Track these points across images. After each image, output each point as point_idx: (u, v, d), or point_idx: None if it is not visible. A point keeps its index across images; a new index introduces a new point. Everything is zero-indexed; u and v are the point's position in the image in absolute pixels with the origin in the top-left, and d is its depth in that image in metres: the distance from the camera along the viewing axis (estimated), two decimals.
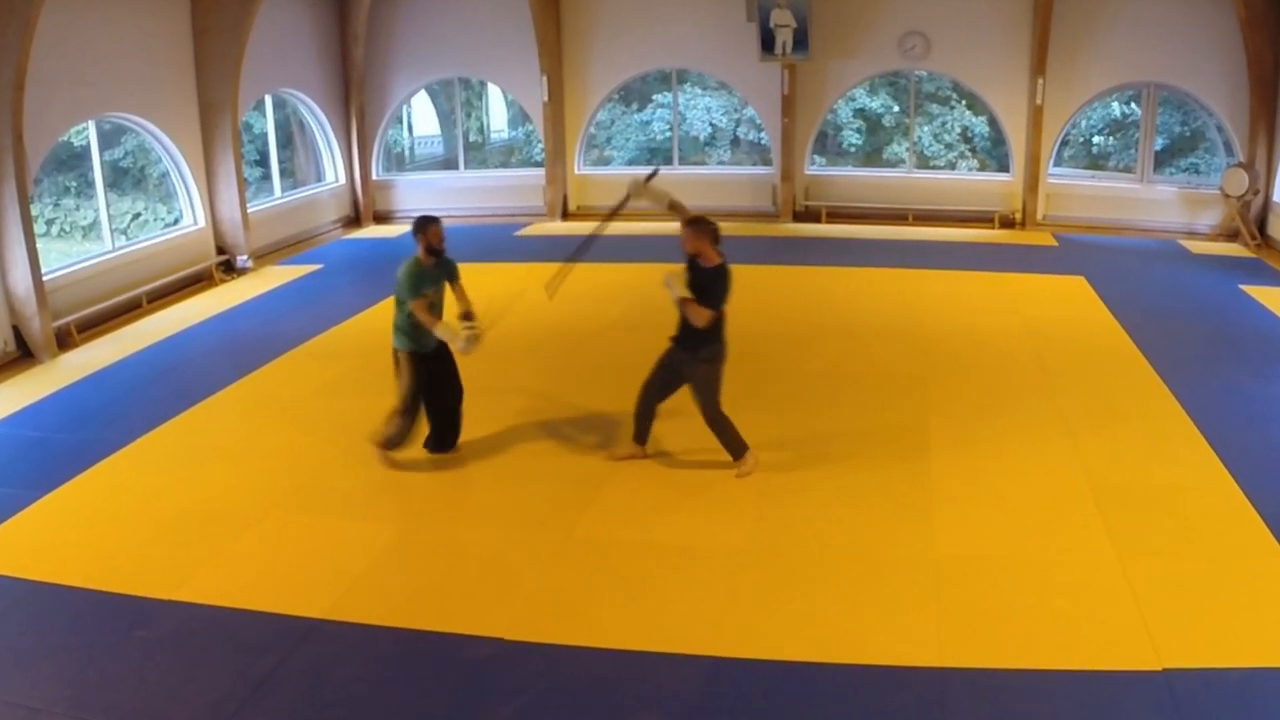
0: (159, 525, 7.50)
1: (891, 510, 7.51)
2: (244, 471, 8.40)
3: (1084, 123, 20.00)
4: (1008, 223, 18.66)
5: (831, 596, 6.40)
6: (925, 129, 20.83)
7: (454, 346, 8.10)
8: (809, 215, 19.30)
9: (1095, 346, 11.36)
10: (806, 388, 10.16)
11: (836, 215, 19.19)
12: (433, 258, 8.11)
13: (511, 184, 20.55)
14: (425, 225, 8.12)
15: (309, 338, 12.08)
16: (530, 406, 9.63)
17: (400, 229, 19.08)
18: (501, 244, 17.62)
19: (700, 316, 7.57)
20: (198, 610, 6.34)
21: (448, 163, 21.75)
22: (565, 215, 20.00)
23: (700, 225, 7.64)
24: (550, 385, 10.26)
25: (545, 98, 19.36)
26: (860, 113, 21.38)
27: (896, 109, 20.94)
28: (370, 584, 6.63)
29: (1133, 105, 19.40)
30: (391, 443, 8.31)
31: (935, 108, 21.00)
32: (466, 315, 8.18)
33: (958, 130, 21.18)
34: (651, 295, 13.23)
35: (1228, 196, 17.04)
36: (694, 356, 7.80)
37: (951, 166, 20.94)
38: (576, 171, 20.26)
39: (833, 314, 12.82)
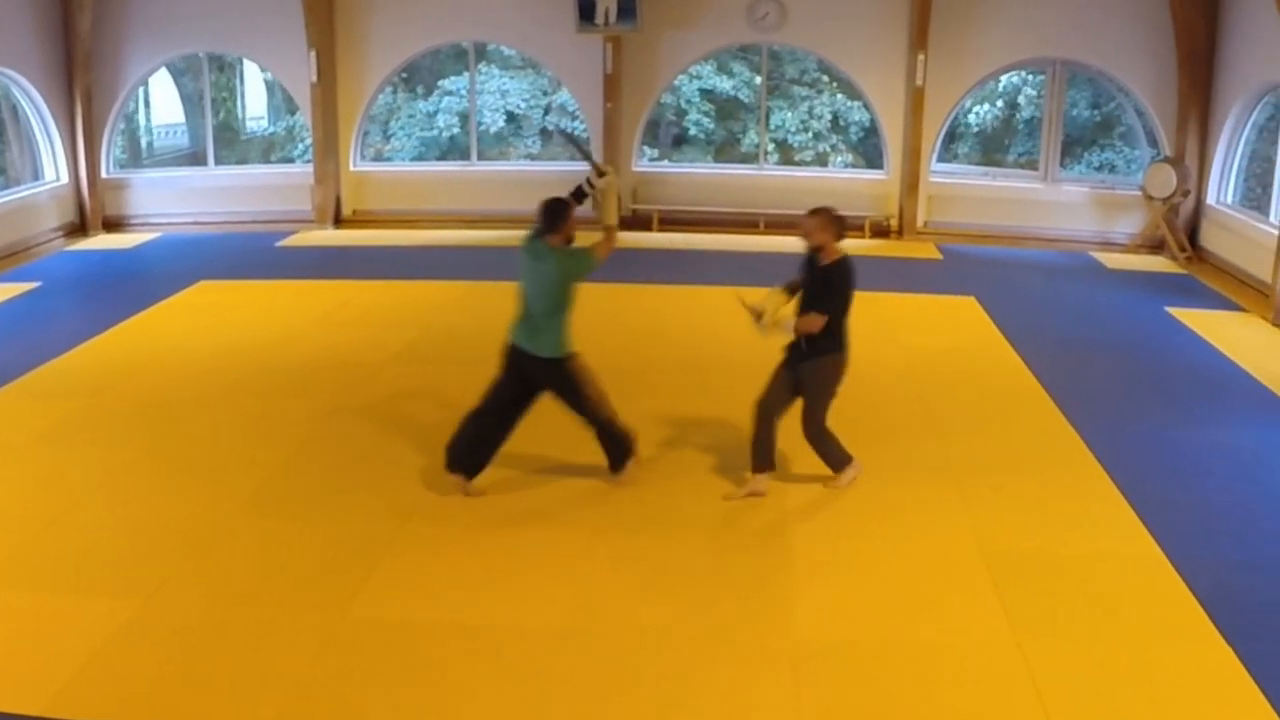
0: None
1: (740, 585, 7.52)
2: None
3: (977, 109, 20.61)
4: (881, 231, 19.13)
5: (666, 689, 6.37)
6: (789, 115, 21.19)
7: (615, 184, 8.90)
8: (638, 221, 19.42)
9: (990, 384, 11.67)
10: (634, 433, 10.12)
11: (672, 221, 19.40)
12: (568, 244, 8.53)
13: (273, 183, 20.43)
14: (564, 212, 8.44)
15: (23, 372, 11.86)
16: (299, 456, 9.67)
17: (136, 238, 18.96)
18: (260, 256, 17.58)
19: (814, 323, 8.33)
20: None
21: (195, 158, 21.56)
22: (338, 222, 19.89)
23: (827, 213, 8.47)
24: (323, 430, 10.30)
25: (314, 78, 19.27)
26: (708, 94, 21.65)
27: (759, 81, 21.24)
28: (99, 673, 6.49)
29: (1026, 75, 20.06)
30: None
31: (802, 91, 21.41)
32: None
33: (828, 117, 21.60)
34: (451, 319, 13.20)
35: (1151, 199, 17.75)
36: (815, 363, 8.55)
37: (823, 162, 21.34)
38: (352, 168, 20.20)
39: (667, 343, 12.89)
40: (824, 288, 8.41)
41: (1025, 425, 10.47)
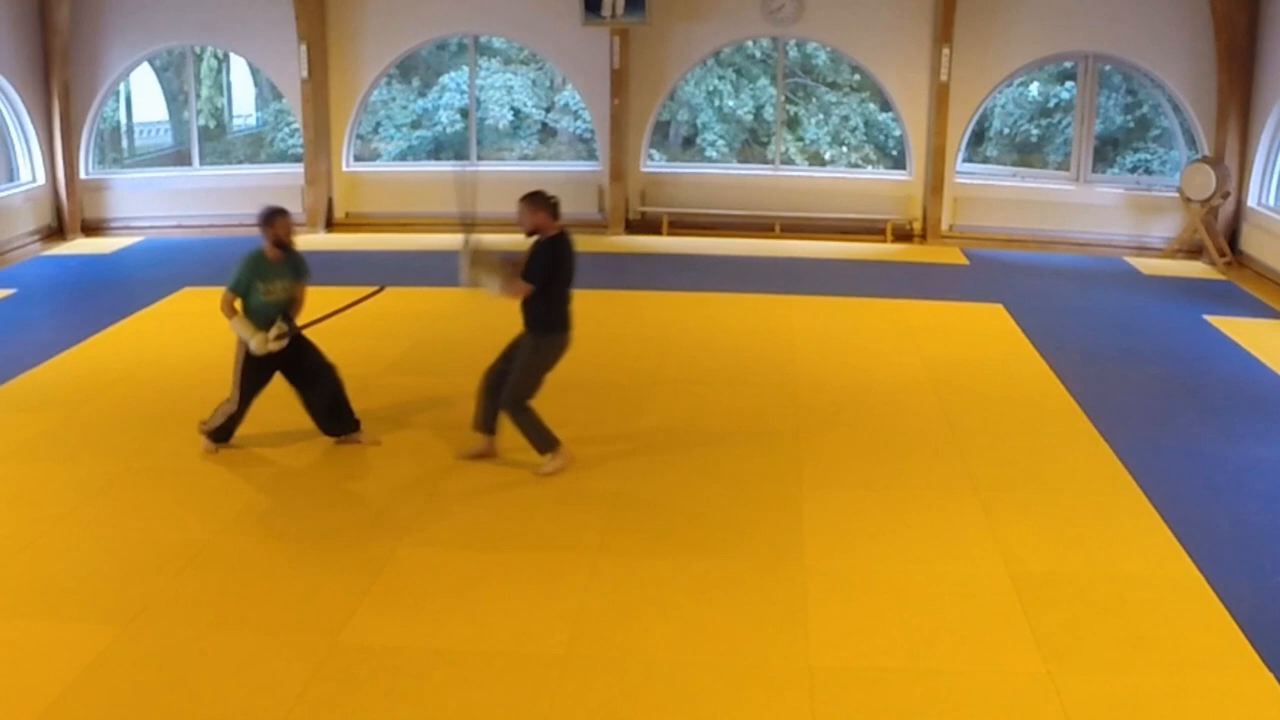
0: None
1: (753, 608, 7.46)
2: None
3: (1005, 106, 20.56)
4: (904, 234, 19.08)
5: (676, 719, 6.33)
6: (823, 128, 21.18)
7: (250, 345, 9.54)
8: (646, 225, 19.40)
9: (1017, 396, 11.60)
10: (640, 451, 10.08)
11: (682, 225, 19.34)
12: (280, 252, 9.69)
13: (261, 184, 20.08)
14: (273, 217, 9.71)
15: None
16: (288, 473, 9.73)
17: (117, 242, 18.94)
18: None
19: (518, 290, 9.17)
20: None
21: (179, 157, 21.53)
22: (330, 225, 19.90)
23: (536, 198, 9.39)
24: (313, 446, 10.25)
25: (304, 73, 19.27)
26: (720, 112, 21.68)
27: (776, 93, 21.27)
28: (76, 704, 6.41)
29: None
30: (215, 434, 9.90)
31: (829, 94, 21.38)
32: (285, 317, 9.74)
33: (862, 127, 21.61)
34: (449, 328, 13.16)
35: (1189, 201, 17.68)
36: (529, 340, 9.28)
37: (853, 167, 21.31)
38: (344, 169, 20.19)
39: (675, 354, 12.84)
40: (531, 264, 9.27)
41: (1055, 440, 10.41)
